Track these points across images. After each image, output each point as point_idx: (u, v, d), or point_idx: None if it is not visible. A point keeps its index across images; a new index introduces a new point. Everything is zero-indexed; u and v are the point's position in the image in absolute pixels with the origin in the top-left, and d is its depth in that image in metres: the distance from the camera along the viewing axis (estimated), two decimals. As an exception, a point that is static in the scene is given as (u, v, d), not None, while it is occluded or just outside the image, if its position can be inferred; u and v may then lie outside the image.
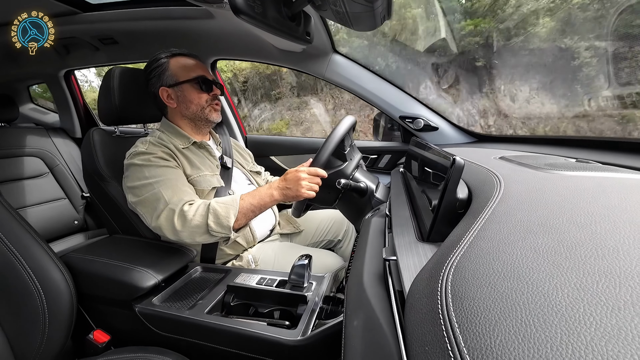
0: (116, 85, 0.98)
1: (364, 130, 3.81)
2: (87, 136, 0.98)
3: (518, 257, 0.22)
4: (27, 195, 1.48)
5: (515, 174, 0.42)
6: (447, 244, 0.30)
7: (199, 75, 0.94)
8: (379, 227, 0.62)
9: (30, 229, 0.67)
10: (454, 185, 0.39)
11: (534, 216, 0.27)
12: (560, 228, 0.23)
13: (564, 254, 0.20)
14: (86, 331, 0.76)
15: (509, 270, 0.21)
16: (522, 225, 0.26)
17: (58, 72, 1.65)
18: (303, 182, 0.80)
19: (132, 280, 0.73)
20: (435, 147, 0.61)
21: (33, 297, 0.61)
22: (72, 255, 0.81)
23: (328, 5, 0.61)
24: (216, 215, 0.80)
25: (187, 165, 0.92)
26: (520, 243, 0.23)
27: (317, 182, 0.82)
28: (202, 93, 0.96)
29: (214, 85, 0.98)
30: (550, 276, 0.18)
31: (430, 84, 2.25)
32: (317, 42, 1.13)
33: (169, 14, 1.16)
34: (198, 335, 0.68)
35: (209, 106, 0.97)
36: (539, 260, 0.20)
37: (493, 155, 0.65)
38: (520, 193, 0.33)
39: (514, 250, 0.22)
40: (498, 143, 1.10)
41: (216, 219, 0.80)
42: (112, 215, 0.99)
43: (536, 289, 0.18)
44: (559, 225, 0.24)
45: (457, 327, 0.19)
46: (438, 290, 0.23)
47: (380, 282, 0.41)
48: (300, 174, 0.80)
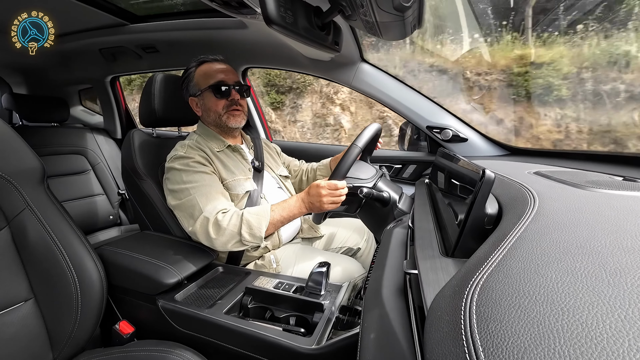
0: (156, 90, 1.04)
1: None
2: (128, 137, 1.05)
3: (553, 280, 0.20)
4: (70, 189, 1.61)
5: (552, 191, 0.39)
6: (474, 260, 0.28)
7: (216, 82, 0.96)
8: (401, 239, 0.60)
9: (71, 221, 0.72)
10: (483, 200, 0.37)
11: (572, 237, 0.25)
12: (603, 251, 0.21)
13: (607, 281, 0.18)
14: (113, 321, 0.80)
15: (542, 294, 0.19)
16: (559, 246, 0.24)
17: (105, 78, 1.80)
18: (324, 198, 0.83)
19: (157, 275, 0.76)
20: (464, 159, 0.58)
21: (69, 283, 0.66)
22: (105, 248, 0.86)
23: (358, 15, 0.61)
24: (249, 226, 0.83)
25: (222, 170, 0.95)
26: (555, 265, 0.21)
27: (338, 194, 0.83)
28: (219, 99, 0.97)
29: (234, 89, 0.97)
30: (590, 304, 0.17)
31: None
32: (345, 50, 1.14)
33: (205, 25, 1.23)
34: (215, 335, 0.69)
35: (225, 113, 0.97)
36: (577, 286, 0.19)
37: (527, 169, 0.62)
38: (557, 211, 0.31)
39: (548, 272, 0.21)
40: (533, 157, 1.04)
41: (249, 229, 0.83)
42: (144, 212, 1.05)
43: (573, 316, 0.16)
44: (601, 248, 0.22)
45: (482, 350, 0.18)
46: (462, 309, 0.21)
47: (399, 295, 0.39)
48: (321, 190, 0.83)
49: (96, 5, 1.17)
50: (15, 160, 0.65)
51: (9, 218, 0.63)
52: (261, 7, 0.54)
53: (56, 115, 1.73)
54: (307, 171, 1.26)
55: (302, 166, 1.28)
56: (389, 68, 1.17)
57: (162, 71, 1.55)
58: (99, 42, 1.46)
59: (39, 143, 1.54)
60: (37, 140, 1.53)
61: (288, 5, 0.57)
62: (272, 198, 1.03)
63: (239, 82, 1.00)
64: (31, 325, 0.63)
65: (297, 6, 0.60)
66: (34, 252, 0.64)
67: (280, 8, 0.55)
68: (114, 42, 1.44)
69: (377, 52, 3.60)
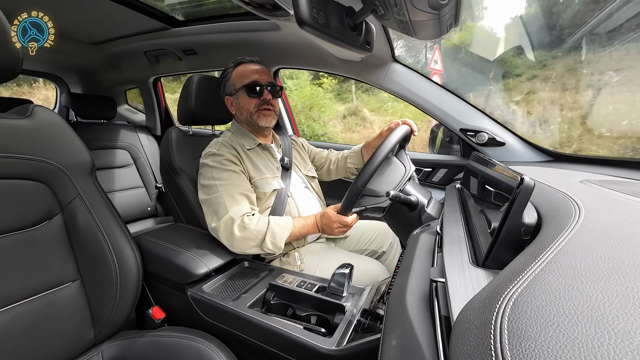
0: (194, 90, 1.10)
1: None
2: (167, 134, 1.12)
3: (599, 300, 0.18)
4: (114, 181, 1.75)
5: (601, 202, 0.36)
6: (507, 272, 0.26)
7: (250, 82, 1.00)
8: (428, 245, 0.58)
9: (114, 210, 0.78)
10: (520, 208, 0.35)
11: (623, 254, 0.22)
12: None
13: None
14: (146, 306, 0.86)
15: (586, 315, 0.17)
16: (607, 262, 0.22)
17: (149, 79, 1.93)
18: (336, 230, 0.91)
19: (187, 266, 0.80)
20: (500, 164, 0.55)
21: (110, 268, 0.72)
22: (142, 237, 0.93)
23: (391, 14, 0.60)
24: (273, 235, 0.87)
25: (251, 168, 0.99)
26: (602, 284, 0.19)
27: (349, 226, 0.91)
28: (251, 98, 1.01)
29: (266, 90, 1.00)
30: None
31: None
32: (377, 51, 1.12)
33: (241, 27, 1.27)
34: (238, 327, 0.71)
35: (257, 112, 1.01)
36: (629, 308, 0.17)
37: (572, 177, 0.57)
38: (606, 224, 0.28)
39: (594, 291, 0.19)
40: (579, 164, 0.96)
41: (273, 237, 0.87)
42: (179, 205, 1.11)
43: (623, 342, 0.15)
44: None
45: None
46: (492, 323, 0.20)
47: (424, 303, 0.38)
48: (333, 223, 0.90)
49: (143, 11, 1.27)
50: (71, 153, 0.71)
51: (62, 205, 0.70)
52: (294, 8, 0.55)
53: (106, 113, 1.89)
54: (337, 160, 1.24)
55: (331, 156, 1.26)
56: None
57: (199, 72, 1.63)
58: (144, 45, 1.57)
59: (90, 138, 1.69)
60: (88, 136, 1.68)
61: (321, 7, 0.58)
62: (298, 197, 1.05)
63: (272, 82, 1.03)
64: (77, 304, 0.69)
65: (330, 7, 0.60)
66: (82, 237, 0.71)
67: (313, 9, 0.56)
68: (158, 45, 1.54)
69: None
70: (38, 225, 0.66)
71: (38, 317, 0.63)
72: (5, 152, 0.61)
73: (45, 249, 0.66)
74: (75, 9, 1.23)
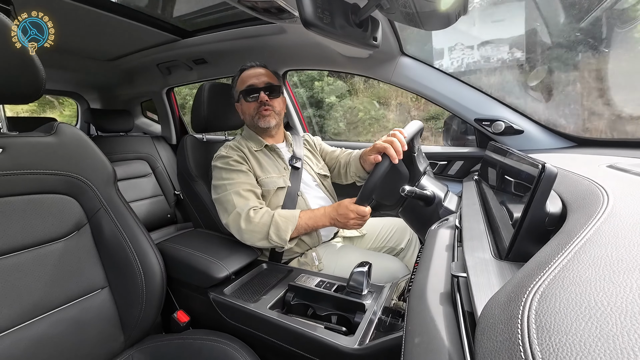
0: (205, 98, 1.13)
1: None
2: (182, 142, 1.15)
3: (634, 290, 0.17)
4: (135, 191, 1.82)
5: (630, 187, 0.34)
6: (533, 264, 0.25)
7: (246, 86, 1.03)
8: (447, 240, 0.57)
9: (137, 219, 0.81)
10: (543, 197, 0.33)
11: None
12: None
13: None
14: (171, 310, 0.89)
15: (620, 306, 0.16)
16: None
17: (162, 90, 1.99)
18: (351, 221, 0.87)
19: (209, 270, 0.82)
20: (519, 153, 0.53)
21: (136, 275, 0.74)
22: (164, 244, 0.95)
23: (397, 7, 0.59)
24: (277, 227, 0.88)
25: (257, 168, 1.02)
26: (637, 273, 0.18)
27: (365, 220, 0.88)
28: (250, 102, 1.04)
29: (263, 91, 1.01)
30: None
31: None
32: (384, 46, 1.11)
33: (247, 33, 1.29)
34: (260, 328, 0.72)
35: (257, 114, 1.04)
36: None
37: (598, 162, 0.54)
38: (637, 210, 0.26)
39: (627, 281, 0.18)
40: (606, 147, 0.91)
41: (277, 230, 0.88)
42: (197, 211, 1.14)
43: None
44: None
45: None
46: (519, 318, 0.19)
47: (446, 299, 0.37)
48: (350, 213, 0.86)
49: (154, 24, 1.31)
50: (93, 166, 0.75)
51: (89, 216, 0.73)
52: (299, 10, 0.55)
53: (123, 126, 1.96)
54: (347, 164, 1.18)
55: (340, 158, 1.21)
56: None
57: (210, 80, 1.67)
58: (156, 58, 1.63)
59: (110, 151, 1.76)
60: (108, 149, 1.76)
61: (325, 6, 0.58)
62: (309, 195, 1.05)
63: (269, 83, 1.04)
64: (107, 310, 0.72)
65: (334, 5, 0.60)
66: (108, 245, 0.74)
67: (318, 9, 0.56)
68: (169, 57, 1.59)
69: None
70: (69, 235, 0.70)
71: (73, 324, 0.66)
72: (35, 168, 0.65)
73: (76, 258, 0.70)
74: (92, 30, 1.29)
